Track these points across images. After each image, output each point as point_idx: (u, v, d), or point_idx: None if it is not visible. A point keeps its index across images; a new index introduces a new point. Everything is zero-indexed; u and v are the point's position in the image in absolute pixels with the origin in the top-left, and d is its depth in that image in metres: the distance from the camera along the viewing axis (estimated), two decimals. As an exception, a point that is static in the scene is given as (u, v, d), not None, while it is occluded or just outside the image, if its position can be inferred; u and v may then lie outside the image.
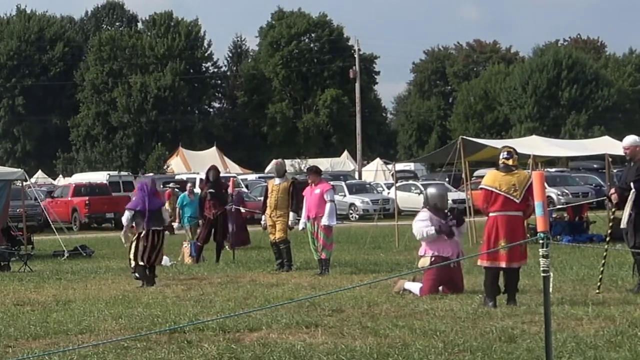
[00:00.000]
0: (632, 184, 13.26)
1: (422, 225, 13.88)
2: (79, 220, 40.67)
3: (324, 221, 17.17)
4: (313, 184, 17.69)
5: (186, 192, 27.44)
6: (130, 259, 16.34)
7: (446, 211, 14.21)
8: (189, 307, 12.99)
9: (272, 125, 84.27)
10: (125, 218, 16.42)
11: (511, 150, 12.87)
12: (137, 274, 16.24)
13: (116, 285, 16.54)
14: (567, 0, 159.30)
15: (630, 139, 13.85)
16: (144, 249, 16.08)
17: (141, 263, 16.10)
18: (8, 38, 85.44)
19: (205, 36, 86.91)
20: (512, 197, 12.42)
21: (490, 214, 12.51)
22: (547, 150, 27.62)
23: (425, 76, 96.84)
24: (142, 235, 16.11)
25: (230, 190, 26.22)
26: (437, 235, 13.80)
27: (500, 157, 12.76)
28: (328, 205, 17.23)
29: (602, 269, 13.69)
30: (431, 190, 14.40)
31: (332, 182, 45.81)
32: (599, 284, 13.45)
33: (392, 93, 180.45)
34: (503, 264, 12.46)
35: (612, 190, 13.80)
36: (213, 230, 21.14)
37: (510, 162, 12.65)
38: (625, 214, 13.29)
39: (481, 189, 12.82)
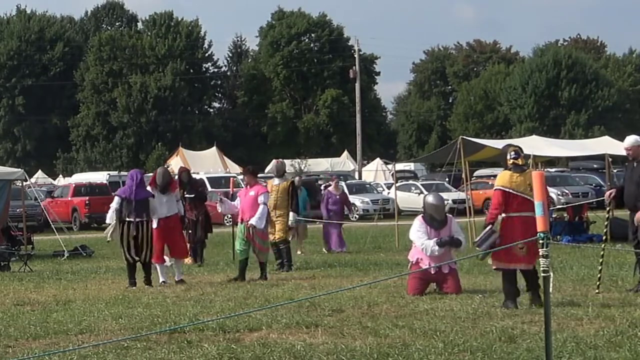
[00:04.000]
0: None
1: (424, 239, 13.79)
2: (79, 220, 40.67)
3: (252, 221, 16.69)
4: (248, 186, 17.27)
5: None
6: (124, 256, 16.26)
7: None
8: (189, 307, 12.98)
9: (272, 125, 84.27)
10: (113, 203, 16.29)
11: (517, 149, 12.66)
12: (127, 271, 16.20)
13: (116, 285, 16.53)
14: (567, 0, 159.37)
15: (631, 139, 13.75)
16: (129, 242, 16.00)
17: (129, 258, 16.02)
18: (8, 38, 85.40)
19: (205, 36, 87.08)
20: (528, 197, 12.27)
21: (505, 215, 12.30)
22: (547, 150, 27.61)
23: (425, 76, 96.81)
24: (125, 226, 16.03)
25: (230, 190, 26.12)
26: (441, 249, 13.76)
27: (508, 157, 12.50)
28: (260, 208, 16.81)
29: (600, 267, 13.68)
30: (428, 199, 14.25)
31: (332, 182, 46.11)
32: (598, 283, 13.45)
33: (392, 93, 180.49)
34: (522, 266, 12.31)
35: (612, 191, 13.77)
36: (191, 231, 20.71)
37: (519, 161, 12.47)
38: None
39: (496, 190, 12.48)
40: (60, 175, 70.81)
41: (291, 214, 18.49)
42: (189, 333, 10.61)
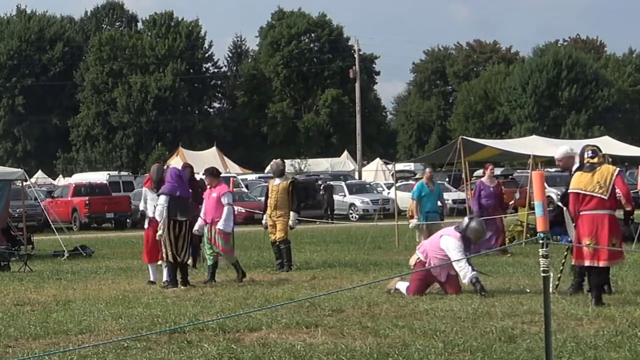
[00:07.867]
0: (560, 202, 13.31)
1: (463, 262, 13.55)
2: (79, 220, 40.67)
3: (219, 225, 16.22)
4: (210, 187, 16.83)
5: (423, 180, 21.53)
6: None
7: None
8: (189, 307, 12.98)
9: (272, 125, 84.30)
10: (161, 201, 15.78)
11: (595, 148, 12.65)
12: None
13: (116, 285, 16.53)
14: (567, 0, 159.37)
15: (562, 150, 13.73)
16: (171, 241, 15.72)
17: (174, 259, 15.76)
18: (8, 38, 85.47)
19: (205, 37, 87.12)
20: (599, 195, 12.28)
21: (580, 214, 12.44)
22: (547, 150, 27.58)
23: (425, 76, 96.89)
24: (170, 224, 15.77)
25: (231, 190, 25.99)
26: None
27: (585, 156, 12.58)
28: (225, 210, 16.41)
29: (561, 267, 13.80)
30: (472, 225, 14.02)
31: (332, 182, 46.09)
32: (559, 275, 13.52)
33: (392, 93, 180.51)
34: (587, 262, 12.39)
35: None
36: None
37: (595, 160, 12.51)
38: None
39: (569, 193, 12.62)
40: (60, 175, 70.84)
41: (292, 213, 18.44)
42: (189, 333, 10.60)
